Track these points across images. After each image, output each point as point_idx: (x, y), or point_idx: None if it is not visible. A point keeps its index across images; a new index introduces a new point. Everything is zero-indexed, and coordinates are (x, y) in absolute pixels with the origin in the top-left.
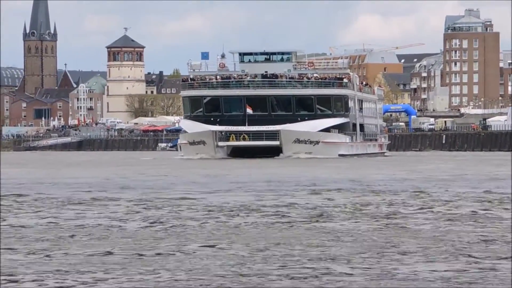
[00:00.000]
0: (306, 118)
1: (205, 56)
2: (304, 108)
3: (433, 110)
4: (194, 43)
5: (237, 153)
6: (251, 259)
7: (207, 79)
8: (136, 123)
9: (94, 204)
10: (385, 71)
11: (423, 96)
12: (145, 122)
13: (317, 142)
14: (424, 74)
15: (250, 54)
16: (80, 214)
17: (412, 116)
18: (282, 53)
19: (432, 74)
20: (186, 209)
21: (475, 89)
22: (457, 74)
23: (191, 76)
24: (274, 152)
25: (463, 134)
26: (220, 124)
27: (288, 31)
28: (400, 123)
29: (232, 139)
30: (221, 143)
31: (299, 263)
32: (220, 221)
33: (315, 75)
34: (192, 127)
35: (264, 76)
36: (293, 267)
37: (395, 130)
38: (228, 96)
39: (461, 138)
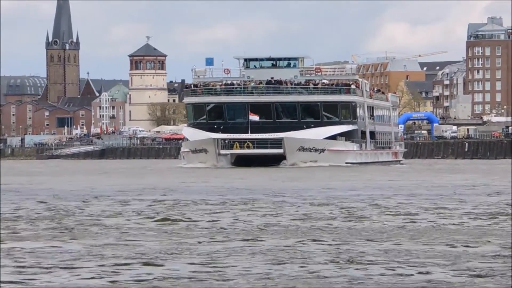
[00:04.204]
0: (312, 125)
1: (209, 62)
2: (310, 115)
3: (456, 118)
4: (217, 51)
5: (241, 161)
6: None
7: (211, 86)
8: (158, 132)
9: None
10: (407, 79)
11: (446, 104)
12: (167, 130)
13: (323, 150)
14: (447, 82)
15: (256, 60)
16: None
17: (435, 124)
18: (289, 59)
19: (455, 81)
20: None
21: (498, 97)
22: (480, 82)
23: (194, 83)
24: (279, 160)
25: (486, 142)
26: (224, 131)
27: (316, 39)
28: (423, 131)
29: (236, 147)
30: (223, 151)
31: None
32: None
33: (323, 81)
34: (194, 135)
35: (269, 82)
36: None
37: (417, 138)
38: (232, 103)
39: (484, 146)
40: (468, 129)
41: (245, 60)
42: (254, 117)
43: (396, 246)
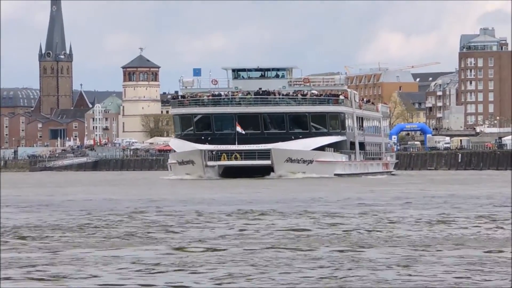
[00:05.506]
0: (300, 136)
1: (197, 72)
2: (298, 126)
3: (448, 129)
4: (211, 63)
5: (229, 173)
6: None
7: (198, 97)
8: (152, 143)
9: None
10: (400, 90)
11: (439, 115)
12: (160, 141)
13: (311, 161)
14: (439, 93)
15: (244, 70)
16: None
17: (428, 135)
18: (277, 70)
19: (448, 92)
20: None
21: (491, 108)
22: (473, 93)
23: (182, 93)
24: (267, 172)
25: (479, 153)
26: (211, 143)
27: (310, 50)
28: (416, 142)
29: (224, 158)
30: (211, 163)
31: None
32: None
33: (312, 91)
34: (181, 146)
35: (257, 93)
36: None
37: (411, 149)
38: (219, 113)
39: (477, 156)
40: (461, 140)
41: (233, 70)
42: (240, 130)
43: None
